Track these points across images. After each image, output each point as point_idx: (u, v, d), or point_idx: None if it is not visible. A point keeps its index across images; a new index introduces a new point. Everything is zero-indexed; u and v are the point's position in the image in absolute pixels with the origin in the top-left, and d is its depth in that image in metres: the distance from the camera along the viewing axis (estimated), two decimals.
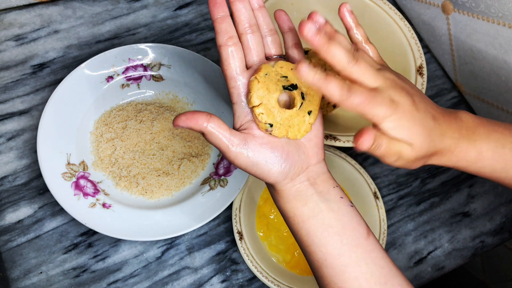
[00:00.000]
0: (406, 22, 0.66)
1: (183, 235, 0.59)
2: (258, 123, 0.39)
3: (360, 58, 0.37)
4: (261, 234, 0.59)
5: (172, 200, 0.58)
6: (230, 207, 0.59)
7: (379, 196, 0.61)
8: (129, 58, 0.62)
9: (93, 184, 0.56)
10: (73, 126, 0.58)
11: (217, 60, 0.69)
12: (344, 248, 0.39)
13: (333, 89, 0.34)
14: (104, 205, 0.55)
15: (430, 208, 0.66)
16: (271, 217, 0.60)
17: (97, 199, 0.55)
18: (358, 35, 0.43)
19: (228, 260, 0.59)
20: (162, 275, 0.57)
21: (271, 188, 0.42)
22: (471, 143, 0.41)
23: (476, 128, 0.42)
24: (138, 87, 0.63)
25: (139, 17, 0.70)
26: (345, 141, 0.55)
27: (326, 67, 0.67)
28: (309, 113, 0.40)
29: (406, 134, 0.38)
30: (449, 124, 0.41)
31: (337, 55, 0.36)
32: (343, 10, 0.42)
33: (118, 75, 0.61)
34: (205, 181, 0.59)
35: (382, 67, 0.40)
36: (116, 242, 0.57)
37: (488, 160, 0.42)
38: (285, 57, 0.43)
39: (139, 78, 0.62)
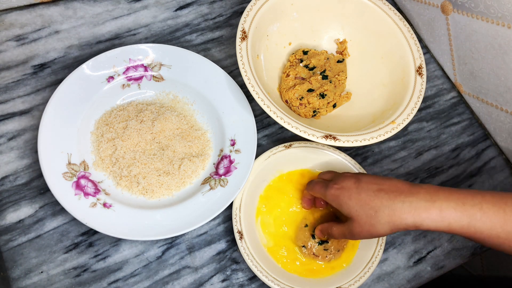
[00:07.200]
0: (406, 23, 0.66)
1: (184, 234, 0.59)
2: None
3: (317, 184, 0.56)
4: (261, 233, 0.59)
5: (172, 199, 0.58)
6: (230, 206, 0.59)
7: None
8: (129, 58, 0.62)
9: (94, 184, 0.56)
10: (73, 126, 0.58)
11: (217, 60, 0.69)
12: None
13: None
14: (104, 204, 0.55)
15: None
16: (271, 216, 0.60)
17: (97, 199, 0.55)
18: None
19: (228, 259, 0.59)
20: (162, 275, 0.57)
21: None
22: (430, 203, 0.47)
23: (436, 191, 0.48)
24: (139, 87, 0.63)
25: (140, 18, 0.70)
26: (345, 141, 0.55)
27: (324, 67, 0.68)
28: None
29: (344, 207, 0.51)
30: (401, 192, 0.48)
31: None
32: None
33: (119, 75, 0.62)
34: (205, 181, 0.60)
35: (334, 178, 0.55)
36: (117, 242, 0.57)
37: (452, 218, 0.46)
38: None
39: (139, 78, 0.63)
